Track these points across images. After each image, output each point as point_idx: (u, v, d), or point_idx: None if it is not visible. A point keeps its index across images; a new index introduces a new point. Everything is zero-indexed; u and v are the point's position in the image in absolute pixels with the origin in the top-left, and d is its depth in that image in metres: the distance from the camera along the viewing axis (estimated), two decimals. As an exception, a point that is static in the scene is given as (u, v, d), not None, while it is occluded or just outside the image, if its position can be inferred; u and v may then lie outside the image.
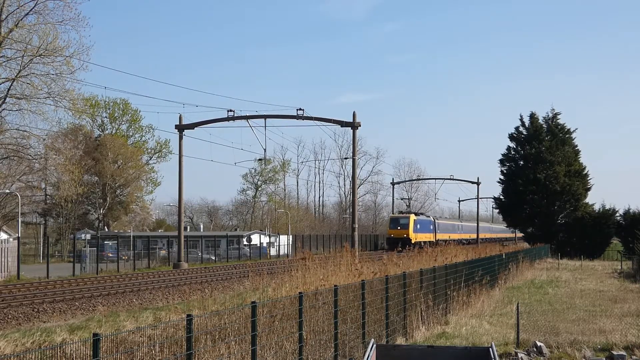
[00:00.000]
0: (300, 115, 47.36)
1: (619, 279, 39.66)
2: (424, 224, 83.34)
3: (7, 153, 50.77)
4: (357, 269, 21.27)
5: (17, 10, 44.03)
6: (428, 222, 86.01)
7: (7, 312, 21.60)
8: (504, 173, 75.60)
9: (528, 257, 47.69)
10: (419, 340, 17.90)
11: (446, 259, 28.16)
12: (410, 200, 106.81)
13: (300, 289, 16.61)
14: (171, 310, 19.91)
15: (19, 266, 40.46)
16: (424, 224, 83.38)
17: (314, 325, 13.80)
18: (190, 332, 9.25)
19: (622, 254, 57.85)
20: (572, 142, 75.19)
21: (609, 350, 17.02)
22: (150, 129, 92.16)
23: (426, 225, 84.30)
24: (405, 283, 18.59)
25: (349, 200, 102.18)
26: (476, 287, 26.49)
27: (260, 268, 30.20)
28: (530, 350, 16.98)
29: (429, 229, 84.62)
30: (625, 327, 19.76)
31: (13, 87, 44.88)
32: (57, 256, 70.23)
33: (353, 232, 48.89)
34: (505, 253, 40.97)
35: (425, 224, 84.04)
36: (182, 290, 27.27)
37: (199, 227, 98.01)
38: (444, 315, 21.70)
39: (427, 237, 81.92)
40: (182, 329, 10.34)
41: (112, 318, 19.31)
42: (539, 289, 32.70)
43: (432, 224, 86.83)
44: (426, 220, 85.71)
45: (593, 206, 73.51)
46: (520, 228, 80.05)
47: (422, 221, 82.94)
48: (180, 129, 50.80)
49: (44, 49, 43.66)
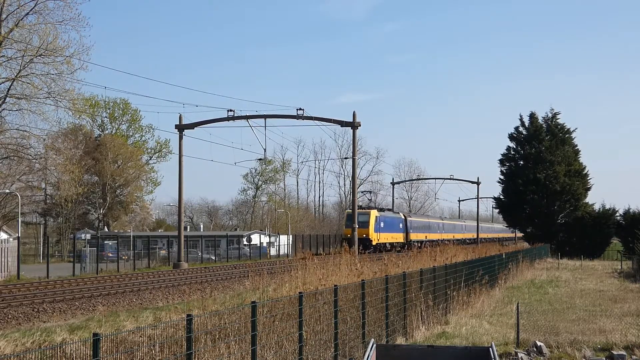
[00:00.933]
0: (300, 115, 47.38)
1: (619, 278, 39.66)
2: (390, 222, 71.40)
3: (7, 153, 50.78)
4: (357, 268, 21.29)
5: (17, 10, 44.08)
6: (396, 220, 74.61)
7: (7, 312, 21.60)
8: (503, 173, 75.61)
9: (528, 257, 47.70)
10: (419, 340, 17.89)
11: (446, 259, 28.19)
12: (410, 200, 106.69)
13: (300, 289, 16.62)
14: (171, 310, 19.91)
15: (19, 266, 40.46)
16: (390, 222, 71.48)
17: (314, 325, 13.80)
18: (190, 332, 9.25)
19: (622, 254, 57.85)
20: (572, 142, 75.21)
21: (609, 350, 17.02)
22: (150, 129, 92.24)
23: (393, 223, 72.88)
24: (405, 283, 18.59)
25: (349, 200, 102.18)
26: (476, 287, 26.49)
27: (260, 268, 30.21)
28: (530, 350, 16.98)
29: (397, 228, 73.99)
30: (625, 327, 19.76)
31: (13, 87, 44.91)
32: (57, 256, 70.25)
33: (353, 232, 48.89)
34: (505, 253, 40.97)
35: (391, 222, 72.24)
36: (182, 290, 27.28)
37: (199, 227, 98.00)
38: (444, 315, 21.69)
39: (395, 237, 72.27)
40: (182, 329, 10.34)
41: (112, 318, 19.31)
42: (539, 288, 32.70)
43: (403, 222, 76.37)
44: (393, 218, 74.03)
45: (593, 206, 73.53)
46: (520, 228, 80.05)
47: (387, 219, 70.83)
48: (180, 129, 50.82)
49: (44, 49, 43.66)
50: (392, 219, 73.16)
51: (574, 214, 71.93)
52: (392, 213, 76.30)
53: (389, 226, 70.90)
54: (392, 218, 73.57)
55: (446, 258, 28.55)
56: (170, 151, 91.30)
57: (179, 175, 52.30)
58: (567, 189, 70.51)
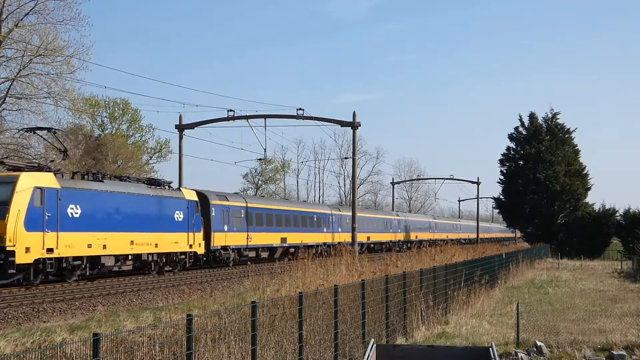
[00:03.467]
0: (300, 115, 47.34)
1: (619, 278, 39.68)
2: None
3: (7, 153, 50.76)
4: (357, 268, 21.31)
5: (17, 10, 44.04)
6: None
7: (7, 312, 21.57)
8: (503, 173, 75.61)
9: (528, 256, 47.72)
10: (419, 340, 17.89)
11: (447, 259, 28.21)
12: (410, 200, 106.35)
13: (300, 289, 16.62)
14: (171, 310, 19.91)
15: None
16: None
17: (314, 325, 13.80)
18: (190, 332, 9.26)
19: (622, 254, 57.87)
20: (572, 142, 75.25)
21: (609, 350, 17.03)
22: (151, 129, 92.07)
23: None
24: (405, 283, 18.59)
25: (349, 200, 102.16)
26: (476, 287, 26.50)
27: (260, 268, 30.20)
28: (530, 350, 16.98)
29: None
30: (625, 327, 19.76)
31: (13, 86, 44.87)
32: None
33: (353, 232, 48.88)
34: (506, 253, 40.99)
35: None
36: (182, 290, 27.25)
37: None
38: (444, 315, 21.69)
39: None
40: (182, 329, 10.34)
41: (112, 318, 19.29)
42: (539, 288, 32.70)
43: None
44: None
45: (593, 206, 73.55)
46: (520, 228, 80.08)
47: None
48: (180, 129, 50.82)
49: (44, 49, 43.64)
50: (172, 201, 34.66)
51: (574, 214, 71.94)
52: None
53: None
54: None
55: (447, 258, 28.57)
56: (170, 151, 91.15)
57: (179, 175, 52.26)
58: (567, 189, 70.51)
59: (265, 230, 45.25)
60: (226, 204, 41.09)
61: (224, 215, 40.25)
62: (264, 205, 47.24)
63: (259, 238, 44.09)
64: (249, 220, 43.11)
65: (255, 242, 43.63)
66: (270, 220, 46.34)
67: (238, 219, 41.89)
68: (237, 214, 41.99)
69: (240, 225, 42.04)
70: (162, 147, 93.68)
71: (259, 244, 44.24)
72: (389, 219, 71.02)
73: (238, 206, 42.51)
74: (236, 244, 41.29)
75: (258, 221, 44.29)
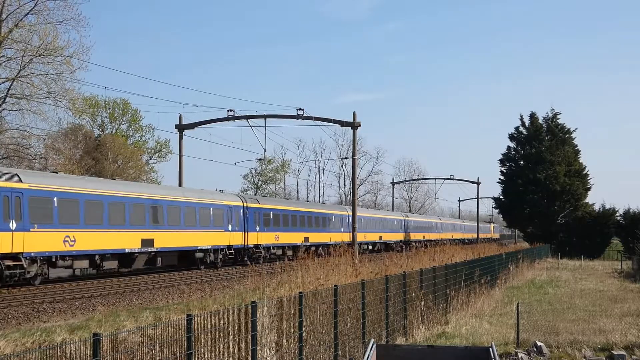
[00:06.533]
0: (300, 115, 47.32)
1: (619, 278, 39.68)
2: None
3: (7, 153, 50.76)
4: (356, 268, 21.31)
5: (17, 10, 44.04)
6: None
7: (7, 312, 21.57)
8: (504, 173, 75.64)
9: (528, 257, 47.72)
10: (419, 340, 17.89)
11: (447, 259, 28.20)
12: (410, 200, 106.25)
13: (300, 289, 16.62)
14: (171, 310, 19.91)
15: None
16: None
17: (314, 325, 13.80)
18: (190, 332, 9.26)
19: (622, 254, 57.88)
20: (572, 142, 75.27)
21: (609, 350, 17.03)
22: (151, 129, 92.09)
23: None
24: (405, 283, 18.59)
25: (349, 200, 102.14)
26: (476, 287, 26.50)
27: (260, 268, 30.20)
28: (530, 350, 16.99)
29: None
30: (625, 327, 19.77)
31: (13, 87, 44.86)
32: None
33: (353, 232, 48.85)
34: (506, 253, 40.99)
35: None
36: (181, 290, 27.25)
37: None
38: (444, 315, 21.69)
39: None
40: (182, 329, 10.34)
41: (112, 318, 19.29)
42: (539, 288, 32.70)
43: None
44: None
45: (593, 206, 73.57)
46: (520, 228, 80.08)
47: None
48: (180, 129, 50.81)
49: (44, 49, 43.64)
50: None
51: (574, 214, 71.95)
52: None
53: None
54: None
55: (446, 258, 28.56)
56: (170, 151, 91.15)
57: (179, 175, 52.25)
58: (567, 189, 70.54)
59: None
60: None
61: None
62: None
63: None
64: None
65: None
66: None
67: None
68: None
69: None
70: (162, 147, 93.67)
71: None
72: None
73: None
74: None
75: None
